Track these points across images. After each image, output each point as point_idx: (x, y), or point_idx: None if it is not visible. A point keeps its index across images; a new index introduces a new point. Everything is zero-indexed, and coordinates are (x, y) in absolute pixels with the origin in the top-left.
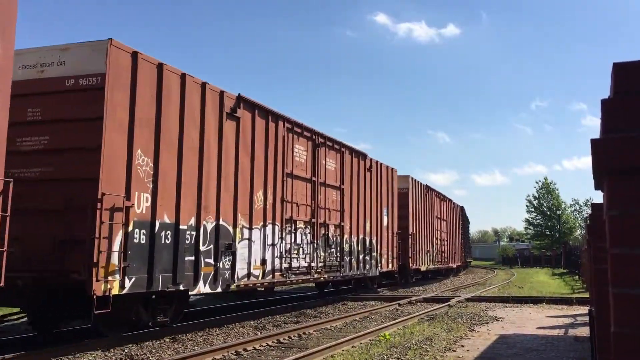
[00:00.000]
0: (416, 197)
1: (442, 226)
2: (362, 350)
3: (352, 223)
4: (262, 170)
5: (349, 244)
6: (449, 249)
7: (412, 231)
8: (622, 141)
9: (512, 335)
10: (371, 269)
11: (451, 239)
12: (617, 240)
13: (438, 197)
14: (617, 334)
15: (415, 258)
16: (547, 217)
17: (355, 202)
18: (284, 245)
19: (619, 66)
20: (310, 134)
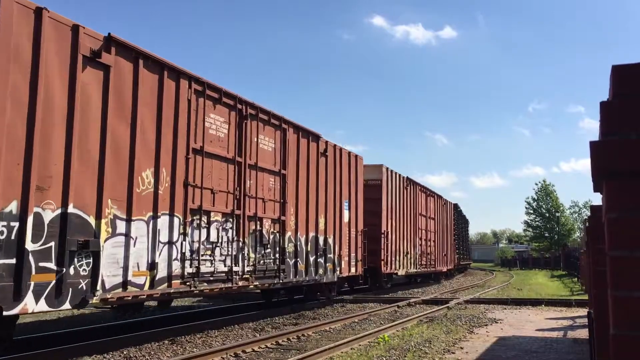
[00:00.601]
0: (392, 190)
1: (429, 225)
2: (361, 352)
3: (298, 218)
4: (152, 143)
5: (294, 244)
6: (438, 250)
7: (386, 229)
8: (621, 144)
9: (511, 337)
10: (326, 274)
11: (441, 239)
12: (616, 242)
13: (423, 192)
14: (616, 337)
15: (390, 261)
16: (546, 219)
17: (303, 193)
18: (188, 243)
19: (618, 68)
20: (233, 102)
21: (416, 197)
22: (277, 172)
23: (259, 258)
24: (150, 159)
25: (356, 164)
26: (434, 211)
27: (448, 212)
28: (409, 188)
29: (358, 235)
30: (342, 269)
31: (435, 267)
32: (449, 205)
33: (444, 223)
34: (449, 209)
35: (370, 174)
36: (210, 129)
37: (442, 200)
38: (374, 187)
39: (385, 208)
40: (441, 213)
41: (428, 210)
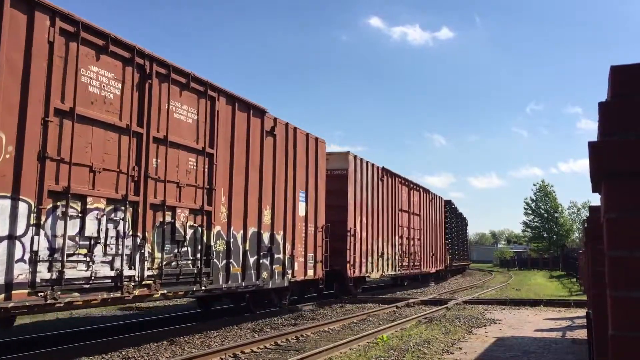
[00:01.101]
0: (362, 181)
1: (412, 222)
2: (360, 353)
3: (232, 209)
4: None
5: (225, 241)
6: (426, 250)
7: (353, 227)
8: (619, 144)
9: (510, 337)
10: (273, 278)
11: (429, 238)
12: (615, 243)
13: (405, 185)
14: (615, 337)
15: (359, 262)
16: (544, 220)
17: (240, 178)
18: (44, 239)
19: (616, 69)
20: (129, 55)
21: (396, 191)
22: (200, 150)
23: (169, 259)
24: None
25: (316, 149)
26: (420, 207)
27: (438, 209)
28: (386, 180)
29: (318, 232)
30: (296, 272)
31: (420, 269)
32: (439, 201)
33: (432, 220)
34: (438, 205)
35: (334, 163)
36: (90, 85)
37: (429, 195)
38: (339, 178)
39: (353, 202)
40: (429, 209)
41: (412, 205)
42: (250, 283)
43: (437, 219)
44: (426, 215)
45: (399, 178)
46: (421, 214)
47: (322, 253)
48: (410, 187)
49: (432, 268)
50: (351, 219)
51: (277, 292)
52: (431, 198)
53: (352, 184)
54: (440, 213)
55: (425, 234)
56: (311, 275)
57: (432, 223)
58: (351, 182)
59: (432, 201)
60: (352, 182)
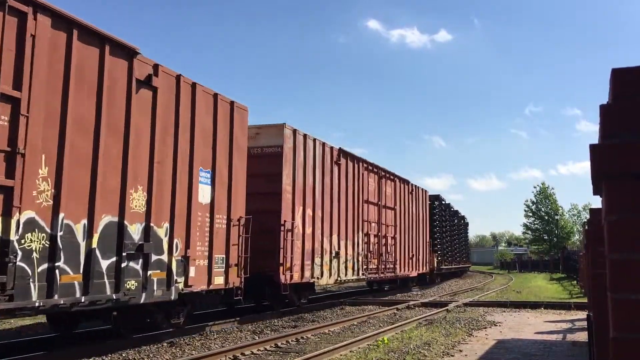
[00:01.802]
0: (306, 163)
1: (384, 217)
2: (360, 355)
3: (64, 186)
4: None
5: (46, 235)
6: (404, 250)
7: (291, 219)
8: (620, 146)
9: (510, 340)
10: (149, 289)
11: (408, 237)
12: (616, 245)
13: (373, 173)
14: (616, 339)
15: (299, 265)
16: (545, 222)
17: (84, 141)
18: None
19: (618, 71)
20: None
21: (360, 179)
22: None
23: None
24: None
25: (232, 117)
26: (395, 200)
27: (420, 203)
28: (345, 164)
29: (233, 226)
30: (193, 280)
31: (396, 272)
32: (422, 194)
33: (412, 216)
34: (421, 199)
35: (265, 139)
36: None
37: (408, 187)
38: (271, 158)
39: (291, 188)
40: (408, 203)
41: (383, 197)
42: (101, 297)
43: (419, 215)
44: (404, 210)
45: (365, 163)
46: (397, 208)
47: (239, 254)
48: (382, 176)
49: (413, 271)
50: (287, 209)
51: (162, 308)
52: (411, 190)
53: (289, 166)
54: (424, 208)
55: (402, 232)
56: (220, 284)
57: (413, 219)
58: (288, 162)
59: (412, 194)
60: (289, 163)
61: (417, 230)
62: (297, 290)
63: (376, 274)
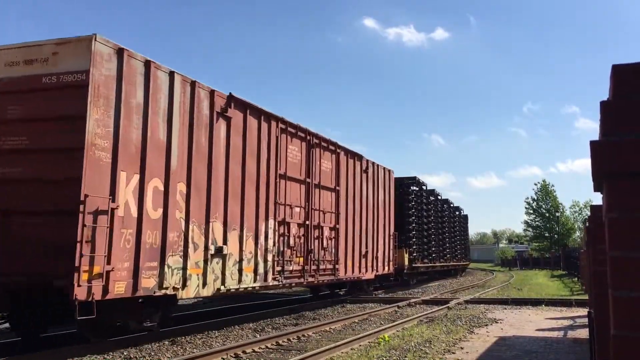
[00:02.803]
0: (146, 106)
1: (316, 200)
2: (361, 353)
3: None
4: None
5: None
6: (353, 247)
7: (110, 196)
8: (621, 144)
9: (512, 337)
10: None
11: (361, 228)
12: (617, 242)
13: (296, 137)
14: (617, 337)
15: (122, 270)
16: (546, 219)
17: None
18: None
19: (618, 68)
20: None
21: (272, 143)
22: None
23: None
24: None
25: None
26: (338, 178)
27: (381, 186)
28: (240, 119)
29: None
30: None
31: (337, 274)
32: (384, 175)
33: (368, 202)
34: (382, 180)
35: (64, 62)
36: None
37: (361, 163)
38: (69, 91)
39: (109, 144)
40: (360, 184)
41: (315, 173)
42: None
43: (379, 201)
44: (353, 193)
45: (283, 123)
46: (340, 189)
47: None
48: (314, 144)
49: (368, 272)
50: (98, 177)
51: None
52: (365, 168)
53: (105, 106)
54: (387, 193)
55: (350, 222)
56: None
57: (369, 206)
58: (104, 101)
59: (367, 173)
60: (105, 102)
61: (375, 220)
62: (129, 310)
63: (300, 278)
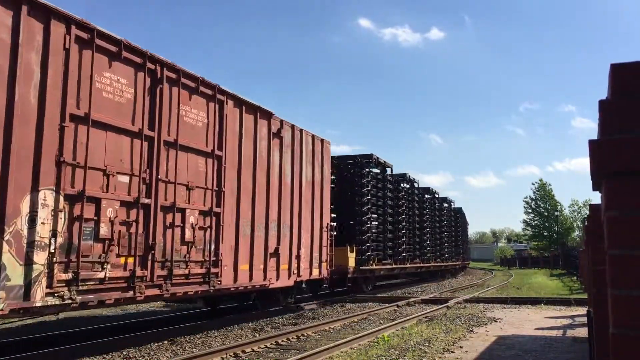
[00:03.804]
0: None
1: (170, 167)
2: (360, 352)
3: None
4: None
5: None
6: (252, 242)
7: None
8: (620, 142)
9: (511, 336)
10: None
11: (270, 216)
12: (616, 241)
13: (123, 61)
14: (616, 335)
15: None
16: (544, 218)
17: None
18: None
19: (617, 67)
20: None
21: (63, 59)
22: None
23: None
24: None
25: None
26: (220, 137)
27: (305, 159)
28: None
29: None
30: None
31: (213, 283)
32: (312, 144)
33: (285, 179)
34: (308, 150)
35: None
36: None
37: (269, 123)
38: None
39: None
40: (273, 154)
41: (172, 124)
42: None
43: (304, 180)
44: (253, 164)
45: (84, 30)
46: (226, 155)
47: None
48: (165, 80)
49: (282, 278)
50: None
51: None
52: (276, 130)
53: None
54: (320, 170)
55: (247, 204)
56: None
57: (286, 185)
58: None
59: (279, 138)
60: None
61: (295, 206)
62: None
63: (127, 291)
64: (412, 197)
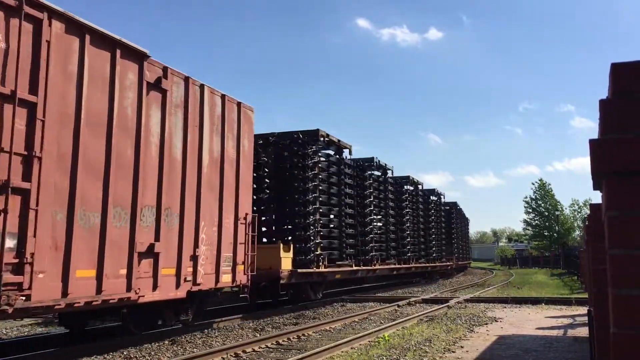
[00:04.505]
0: None
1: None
2: (361, 352)
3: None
4: None
5: None
6: (116, 233)
7: None
8: (620, 142)
9: (511, 335)
10: None
11: (147, 201)
12: (616, 241)
13: None
14: (617, 335)
15: None
16: (545, 218)
17: None
18: None
19: (617, 66)
20: None
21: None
22: None
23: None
24: None
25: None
26: (41, 79)
27: (209, 126)
28: None
29: None
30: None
31: (9, 301)
32: (221, 107)
33: (174, 151)
34: (215, 116)
35: None
36: None
37: (141, 67)
38: None
39: None
40: (152, 114)
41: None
42: None
43: (204, 154)
44: (109, 124)
45: None
46: (48, 103)
47: None
48: None
49: (164, 288)
50: None
51: None
52: (156, 80)
53: None
54: (236, 142)
55: (91, 180)
56: None
57: (175, 159)
58: None
59: (160, 92)
60: None
61: (194, 190)
62: None
63: None
64: (385, 186)
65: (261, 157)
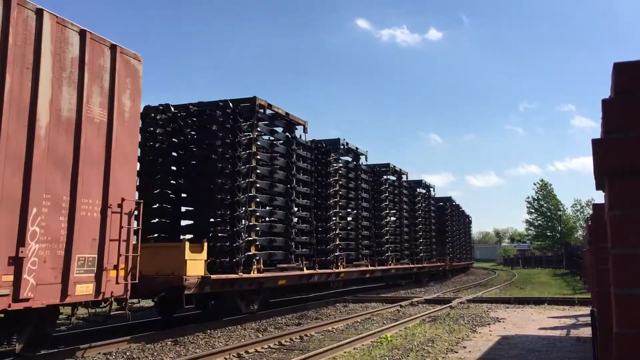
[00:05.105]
0: None
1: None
2: (364, 352)
3: None
4: None
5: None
6: None
7: None
8: (623, 141)
9: (514, 336)
10: None
11: None
12: (619, 240)
13: None
14: (620, 335)
15: None
16: (547, 218)
17: None
18: None
19: (619, 66)
20: None
21: None
22: None
23: None
24: None
25: None
26: None
27: (57, 74)
28: None
29: None
30: None
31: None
32: (83, 48)
33: None
34: (72, 64)
35: None
36: None
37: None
38: None
39: None
40: None
41: None
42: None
43: (39, 110)
44: None
45: None
46: None
47: None
48: None
49: None
50: None
51: None
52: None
53: None
54: (100, 98)
55: None
56: None
57: None
58: None
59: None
60: None
61: (20, 163)
62: None
63: None
64: (357, 174)
65: (181, 133)
